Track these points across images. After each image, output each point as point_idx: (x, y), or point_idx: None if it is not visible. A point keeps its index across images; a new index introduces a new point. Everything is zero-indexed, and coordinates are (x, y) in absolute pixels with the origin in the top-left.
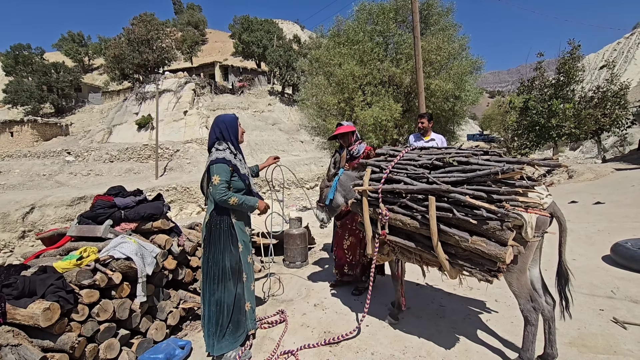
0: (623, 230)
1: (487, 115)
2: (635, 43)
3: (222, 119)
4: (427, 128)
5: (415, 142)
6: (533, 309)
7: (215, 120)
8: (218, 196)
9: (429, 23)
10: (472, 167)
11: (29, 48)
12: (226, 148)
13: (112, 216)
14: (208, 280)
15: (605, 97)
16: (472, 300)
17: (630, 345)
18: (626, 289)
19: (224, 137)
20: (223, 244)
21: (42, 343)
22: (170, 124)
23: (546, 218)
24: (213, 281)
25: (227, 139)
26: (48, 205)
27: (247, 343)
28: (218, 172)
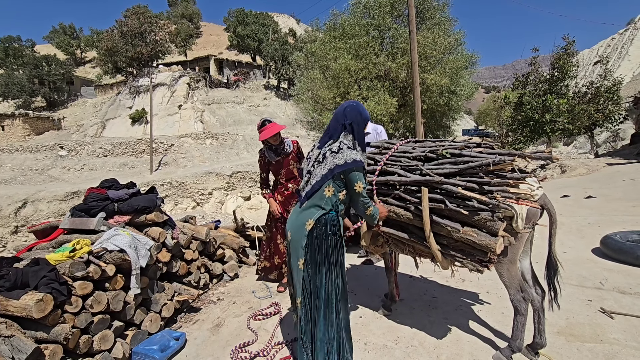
0: (613, 223)
1: (482, 111)
2: (629, 39)
3: (353, 111)
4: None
5: None
6: (523, 299)
7: (342, 111)
8: (363, 207)
9: (424, 17)
10: (464, 159)
11: (20, 40)
12: (355, 147)
13: (105, 209)
14: (324, 304)
15: (599, 93)
16: (464, 291)
17: (616, 334)
18: (614, 280)
19: (354, 132)
20: (336, 259)
21: (35, 334)
22: (164, 118)
23: (537, 210)
24: (330, 306)
25: (357, 137)
26: (41, 200)
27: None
28: (361, 178)
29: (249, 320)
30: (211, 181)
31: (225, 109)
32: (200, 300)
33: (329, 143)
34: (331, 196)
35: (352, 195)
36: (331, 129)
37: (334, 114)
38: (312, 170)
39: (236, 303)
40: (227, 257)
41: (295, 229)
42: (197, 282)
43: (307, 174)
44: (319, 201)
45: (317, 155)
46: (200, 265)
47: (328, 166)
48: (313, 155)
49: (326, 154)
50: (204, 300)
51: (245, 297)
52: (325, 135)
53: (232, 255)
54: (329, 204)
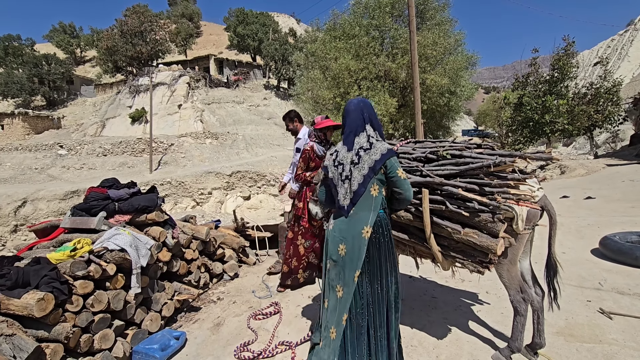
0: (612, 224)
1: (482, 111)
2: (628, 40)
3: (366, 103)
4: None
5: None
6: (523, 299)
7: (357, 103)
8: (410, 192)
9: (425, 18)
10: (465, 160)
11: (19, 39)
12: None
13: (105, 208)
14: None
15: (599, 94)
16: (463, 292)
17: (615, 334)
18: (613, 281)
19: (373, 125)
20: (393, 258)
21: (36, 333)
22: (164, 118)
23: (537, 211)
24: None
25: (377, 128)
26: (41, 199)
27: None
28: (399, 164)
29: (249, 319)
30: (211, 181)
31: (225, 108)
32: (201, 299)
33: (357, 141)
34: (377, 195)
35: (397, 182)
36: (352, 126)
37: (347, 111)
38: (349, 174)
39: (236, 302)
40: (227, 257)
41: (351, 240)
42: (197, 282)
43: (346, 179)
44: (368, 203)
45: (352, 157)
46: (201, 264)
47: (367, 165)
48: (345, 159)
49: (360, 154)
50: (204, 300)
51: (245, 297)
52: (350, 134)
53: (232, 254)
54: (377, 203)
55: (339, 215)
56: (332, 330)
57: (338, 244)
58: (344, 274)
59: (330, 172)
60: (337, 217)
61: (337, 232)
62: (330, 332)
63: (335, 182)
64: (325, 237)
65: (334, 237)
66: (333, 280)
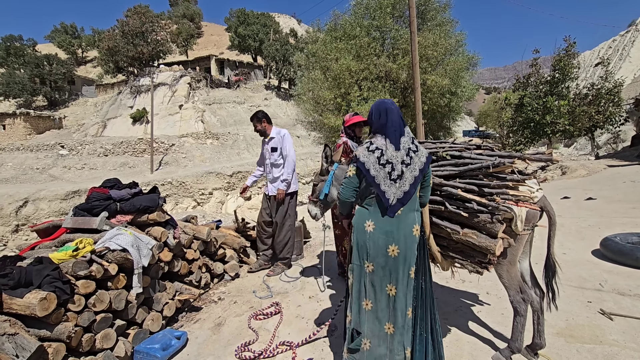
0: (613, 225)
1: (482, 112)
2: (630, 41)
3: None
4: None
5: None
6: (522, 300)
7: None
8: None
9: (425, 18)
10: (464, 161)
11: (21, 39)
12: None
13: (107, 208)
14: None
15: (600, 95)
16: (463, 292)
17: (615, 335)
18: (614, 282)
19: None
20: (428, 255)
21: (39, 332)
22: (165, 118)
23: (536, 212)
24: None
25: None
26: (42, 199)
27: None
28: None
29: (250, 319)
30: (212, 181)
31: (226, 109)
32: (202, 299)
33: (403, 141)
34: (416, 196)
35: (427, 188)
36: (395, 125)
37: (388, 110)
38: (400, 174)
39: (237, 302)
40: (228, 257)
41: (403, 240)
42: (198, 282)
43: (397, 179)
44: (414, 204)
45: (402, 157)
46: (202, 264)
47: (417, 167)
48: (395, 159)
49: (410, 154)
50: (205, 300)
51: (246, 297)
52: (395, 133)
53: (233, 255)
54: (417, 204)
55: (380, 215)
56: (387, 326)
57: (387, 245)
58: (397, 273)
59: (372, 170)
60: (378, 218)
61: (383, 234)
62: (385, 327)
63: (378, 181)
64: (358, 239)
65: (379, 238)
66: (382, 280)
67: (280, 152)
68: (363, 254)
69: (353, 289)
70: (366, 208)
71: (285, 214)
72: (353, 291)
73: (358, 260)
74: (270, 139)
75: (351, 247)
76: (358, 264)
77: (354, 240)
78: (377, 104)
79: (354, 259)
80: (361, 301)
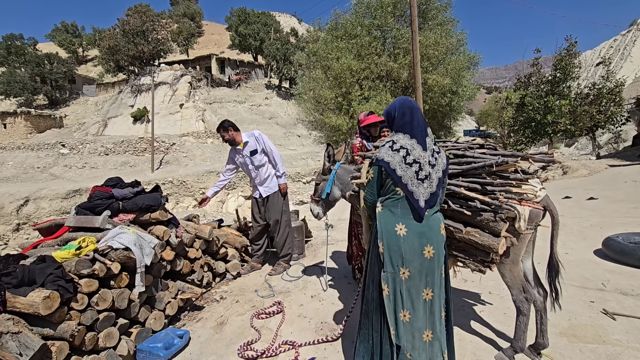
0: (615, 225)
1: (483, 111)
2: (631, 40)
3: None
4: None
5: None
6: (525, 299)
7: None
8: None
9: (427, 17)
10: (467, 159)
11: (22, 38)
12: None
13: (110, 207)
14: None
15: (601, 94)
16: (466, 292)
17: (618, 335)
18: (616, 282)
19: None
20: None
21: (42, 331)
22: (166, 117)
23: (539, 211)
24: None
25: None
26: (43, 197)
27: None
28: None
29: (252, 318)
30: (212, 180)
31: (226, 108)
32: (203, 298)
33: (428, 142)
34: (441, 197)
35: (444, 188)
36: (421, 125)
37: (412, 109)
38: (428, 175)
39: (239, 302)
40: (230, 256)
41: (435, 240)
42: (200, 281)
43: (425, 179)
44: (438, 205)
45: (429, 158)
46: (204, 263)
47: (441, 168)
48: (422, 159)
49: (435, 156)
50: (206, 299)
51: (248, 296)
52: (421, 134)
53: (235, 254)
54: (439, 204)
55: (410, 217)
56: (426, 334)
57: (423, 247)
58: (433, 275)
59: (398, 170)
60: (408, 219)
61: (417, 236)
62: (424, 336)
63: (405, 181)
64: (390, 245)
65: (413, 241)
66: (418, 285)
67: (262, 151)
68: (397, 260)
69: (389, 300)
70: (391, 211)
71: (281, 211)
72: (389, 302)
73: (391, 267)
74: (244, 144)
75: (378, 255)
76: (392, 271)
77: (384, 247)
78: (400, 101)
79: (387, 267)
80: (398, 313)
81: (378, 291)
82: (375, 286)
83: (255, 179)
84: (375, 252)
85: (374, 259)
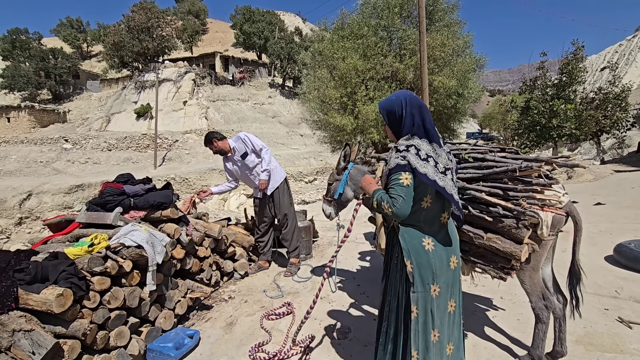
0: (624, 231)
1: (487, 114)
2: (636, 46)
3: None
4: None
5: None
6: (545, 307)
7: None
8: None
9: (433, 19)
10: (488, 163)
11: (27, 32)
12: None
13: (121, 204)
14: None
15: (607, 99)
16: (477, 297)
17: (636, 344)
18: (630, 289)
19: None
20: None
21: (54, 329)
22: (169, 114)
23: (562, 217)
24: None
25: None
26: (45, 192)
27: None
28: None
29: (262, 319)
30: (215, 178)
31: (230, 106)
32: (212, 298)
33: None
34: None
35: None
36: (432, 123)
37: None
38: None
39: (248, 302)
40: (238, 255)
41: (457, 248)
42: (209, 280)
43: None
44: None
45: (447, 162)
46: (212, 262)
47: (454, 172)
48: (449, 164)
49: (450, 157)
50: (215, 298)
51: (257, 296)
52: (436, 135)
53: (243, 253)
54: None
55: (435, 229)
56: (449, 347)
57: (449, 258)
58: (456, 285)
59: (439, 181)
60: (434, 231)
61: (444, 247)
62: (447, 349)
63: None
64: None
65: (442, 253)
66: (445, 300)
67: (252, 150)
68: (428, 277)
69: (418, 322)
70: (414, 225)
71: (288, 204)
72: (418, 325)
73: (422, 287)
74: (233, 150)
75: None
76: (422, 290)
77: (413, 266)
78: (405, 98)
79: (417, 287)
80: (428, 335)
81: (404, 313)
82: (402, 307)
83: (255, 181)
84: (401, 273)
85: (398, 279)
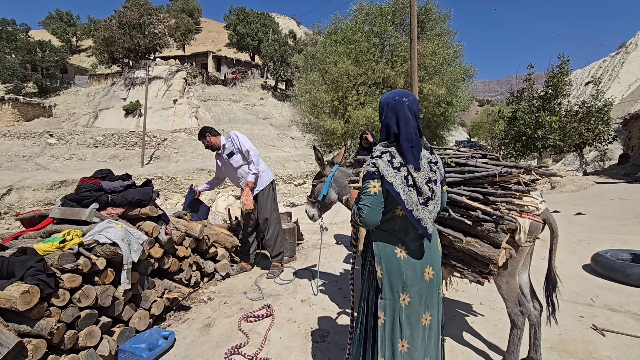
0: (602, 241)
1: (475, 123)
2: (619, 62)
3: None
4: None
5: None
6: (520, 313)
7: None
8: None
9: (425, 28)
10: (469, 168)
11: (14, 24)
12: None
13: (98, 200)
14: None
15: (590, 113)
16: (457, 302)
17: (608, 351)
18: (605, 298)
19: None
20: None
21: (18, 327)
22: (159, 112)
23: (539, 224)
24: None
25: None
26: (27, 187)
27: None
28: None
29: (240, 321)
30: (203, 178)
31: (221, 106)
32: (191, 298)
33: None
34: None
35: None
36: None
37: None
38: (432, 194)
39: (227, 303)
40: (220, 256)
41: (436, 260)
42: (188, 280)
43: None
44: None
45: (428, 174)
46: (192, 262)
47: (439, 179)
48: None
49: (434, 168)
50: (194, 299)
51: (237, 298)
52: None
53: (225, 254)
54: None
55: (411, 237)
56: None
57: (424, 269)
58: (432, 297)
59: (402, 194)
60: (409, 240)
61: (418, 257)
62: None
63: (410, 207)
64: (390, 269)
65: (415, 263)
66: (418, 312)
67: (239, 151)
68: (397, 286)
69: (385, 329)
70: (388, 231)
71: (270, 209)
72: (385, 332)
73: (391, 294)
74: (223, 147)
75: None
76: (391, 298)
77: (383, 272)
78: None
79: (386, 293)
80: (395, 344)
81: (373, 318)
82: (371, 313)
83: (240, 180)
84: (372, 278)
85: (369, 284)
